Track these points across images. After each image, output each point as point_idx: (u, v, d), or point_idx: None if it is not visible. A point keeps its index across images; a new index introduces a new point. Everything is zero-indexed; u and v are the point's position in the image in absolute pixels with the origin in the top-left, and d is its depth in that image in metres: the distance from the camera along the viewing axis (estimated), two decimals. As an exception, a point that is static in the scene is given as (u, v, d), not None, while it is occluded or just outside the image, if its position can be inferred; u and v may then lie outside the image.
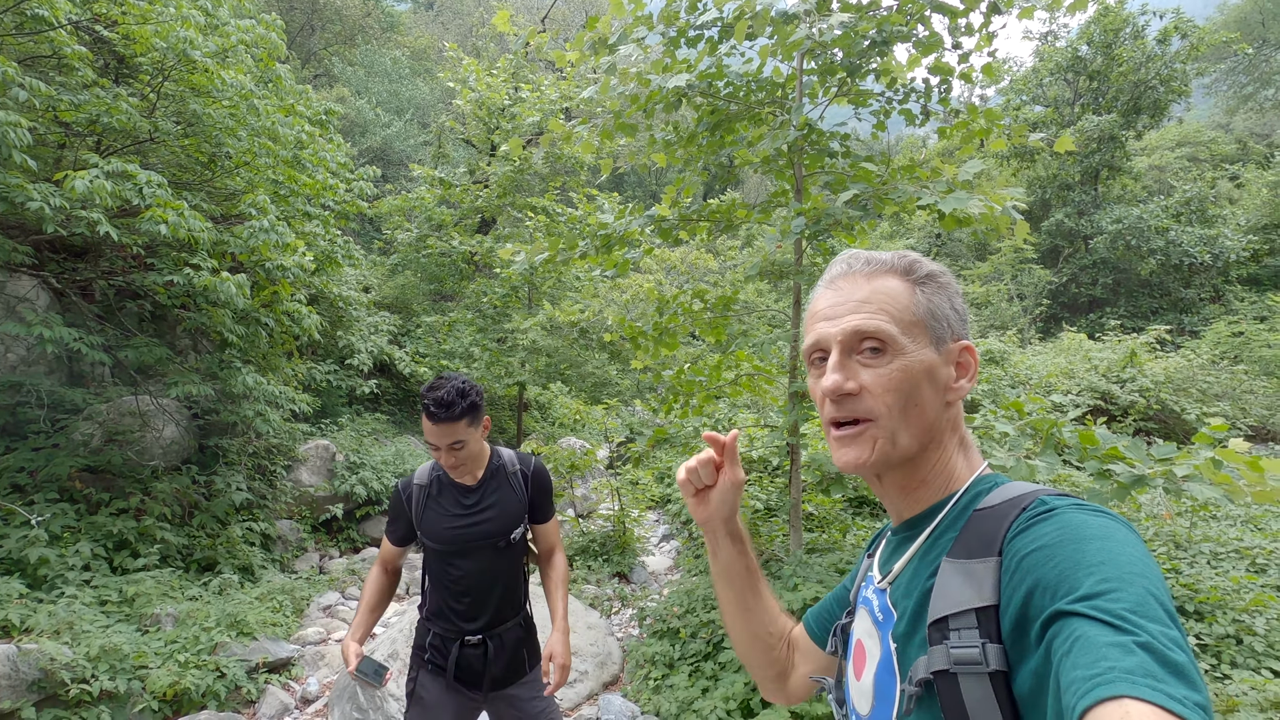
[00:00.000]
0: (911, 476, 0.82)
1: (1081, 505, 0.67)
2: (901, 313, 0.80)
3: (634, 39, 4.07)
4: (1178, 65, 16.96)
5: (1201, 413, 8.83)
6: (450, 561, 2.12)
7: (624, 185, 29.18)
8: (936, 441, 0.81)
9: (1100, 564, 0.58)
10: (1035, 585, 0.61)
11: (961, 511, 0.77)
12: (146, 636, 4.07)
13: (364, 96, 17.36)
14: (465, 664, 2.12)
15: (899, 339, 0.79)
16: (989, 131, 3.92)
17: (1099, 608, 0.54)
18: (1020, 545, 0.65)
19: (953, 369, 0.81)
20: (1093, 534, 0.62)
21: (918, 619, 0.73)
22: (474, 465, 2.11)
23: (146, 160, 5.80)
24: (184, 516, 5.63)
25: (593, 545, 6.24)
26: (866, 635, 0.85)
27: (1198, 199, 17.17)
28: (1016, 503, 0.71)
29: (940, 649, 0.67)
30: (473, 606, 2.12)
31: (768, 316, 5.79)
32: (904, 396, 0.78)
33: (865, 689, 0.82)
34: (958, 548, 0.72)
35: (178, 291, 5.39)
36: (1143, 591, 0.55)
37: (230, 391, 5.85)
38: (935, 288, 0.83)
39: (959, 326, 0.83)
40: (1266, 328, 13.34)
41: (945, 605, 0.68)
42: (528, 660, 2.22)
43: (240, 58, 6.07)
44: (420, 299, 12.82)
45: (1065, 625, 0.56)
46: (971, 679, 0.64)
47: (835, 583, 3.69)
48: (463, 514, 2.12)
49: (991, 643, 0.64)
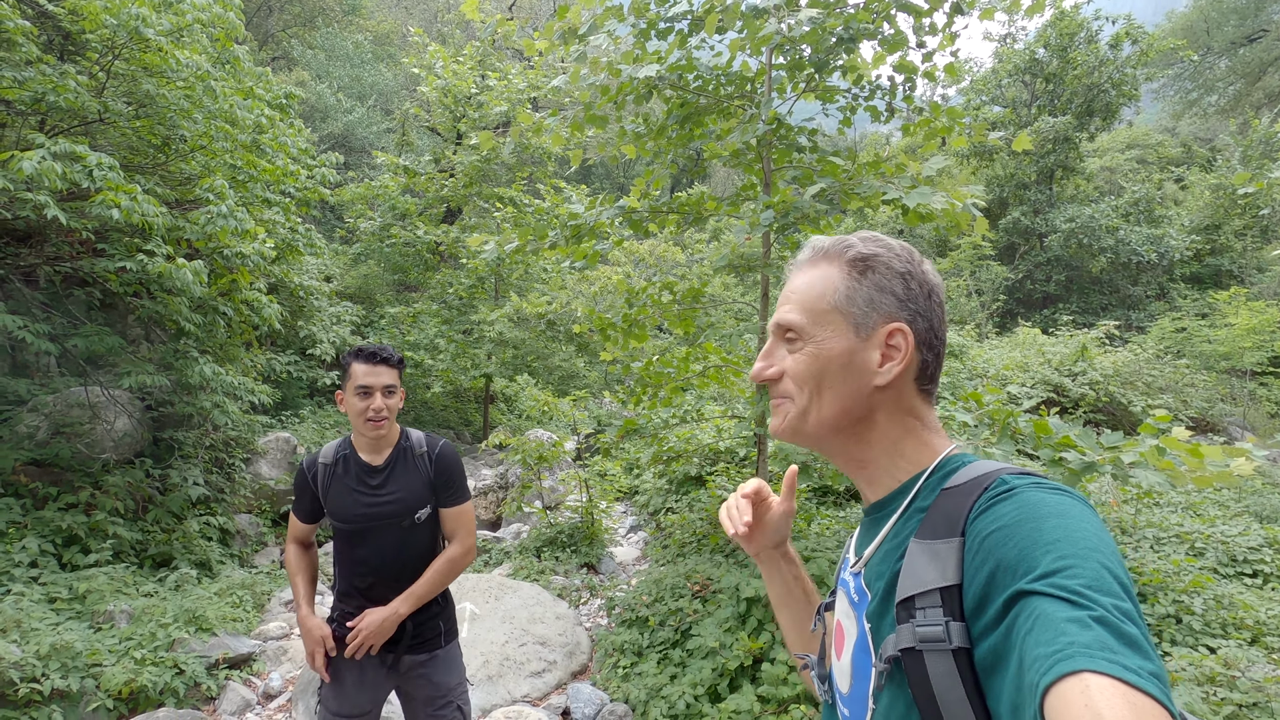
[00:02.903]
0: (849, 452, 0.87)
1: (1040, 484, 0.69)
2: (816, 302, 0.85)
3: (605, 29, 4.06)
4: (1128, 70, 17.55)
5: (1147, 405, 9.22)
6: (355, 542, 2.11)
7: (591, 177, 29.04)
8: (865, 421, 0.84)
9: (1056, 541, 0.60)
10: (997, 565, 0.63)
11: (930, 492, 0.79)
12: (100, 634, 3.94)
13: (325, 81, 16.91)
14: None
15: (807, 328, 0.85)
16: (951, 129, 4.02)
17: (1056, 584, 0.57)
18: (982, 526, 0.68)
19: (877, 353, 0.82)
20: (1049, 511, 0.64)
21: (887, 599, 0.76)
22: (389, 431, 2.13)
23: (95, 142, 5.58)
24: (137, 511, 5.46)
25: (561, 537, 6.25)
26: (844, 616, 0.88)
27: (1146, 200, 17.85)
28: (979, 482, 0.73)
29: (907, 627, 0.69)
30: (378, 586, 2.10)
31: (734, 310, 5.84)
32: (811, 380, 0.84)
33: (845, 668, 0.85)
34: (924, 528, 0.74)
35: (130, 279, 5.21)
36: (1097, 566, 0.58)
37: (186, 382, 5.68)
38: (862, 271, 0.84)
39: (893, 308, 0.83)
40: (1207, 324, 13.96)
41: (911, 585, 0.71)
42: (444, 635, 2.20)
43: (196, 37, 5.86)
44: (384, 289, 12.60)
45: (1026, 604, 0.58)
46: (936, 655, 0.66)
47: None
48: (367, 493, 2.10)
49: (955, 620, 0.66)
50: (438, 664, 2.18)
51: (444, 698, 2.17)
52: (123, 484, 5.32)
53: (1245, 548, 5.02)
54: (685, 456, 6.25)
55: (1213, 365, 12.60)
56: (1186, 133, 26.12)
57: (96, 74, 5.45)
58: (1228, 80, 22.36)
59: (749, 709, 3.15)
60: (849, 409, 0.83)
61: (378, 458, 2.14)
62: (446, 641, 2.22)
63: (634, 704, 3.58)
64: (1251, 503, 6.33)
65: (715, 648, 3.54)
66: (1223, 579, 4.74)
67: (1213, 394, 11.04)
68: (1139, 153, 24.06)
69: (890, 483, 0.85)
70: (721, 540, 5.16)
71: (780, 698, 3.16)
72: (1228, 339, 12.55)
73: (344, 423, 9.45)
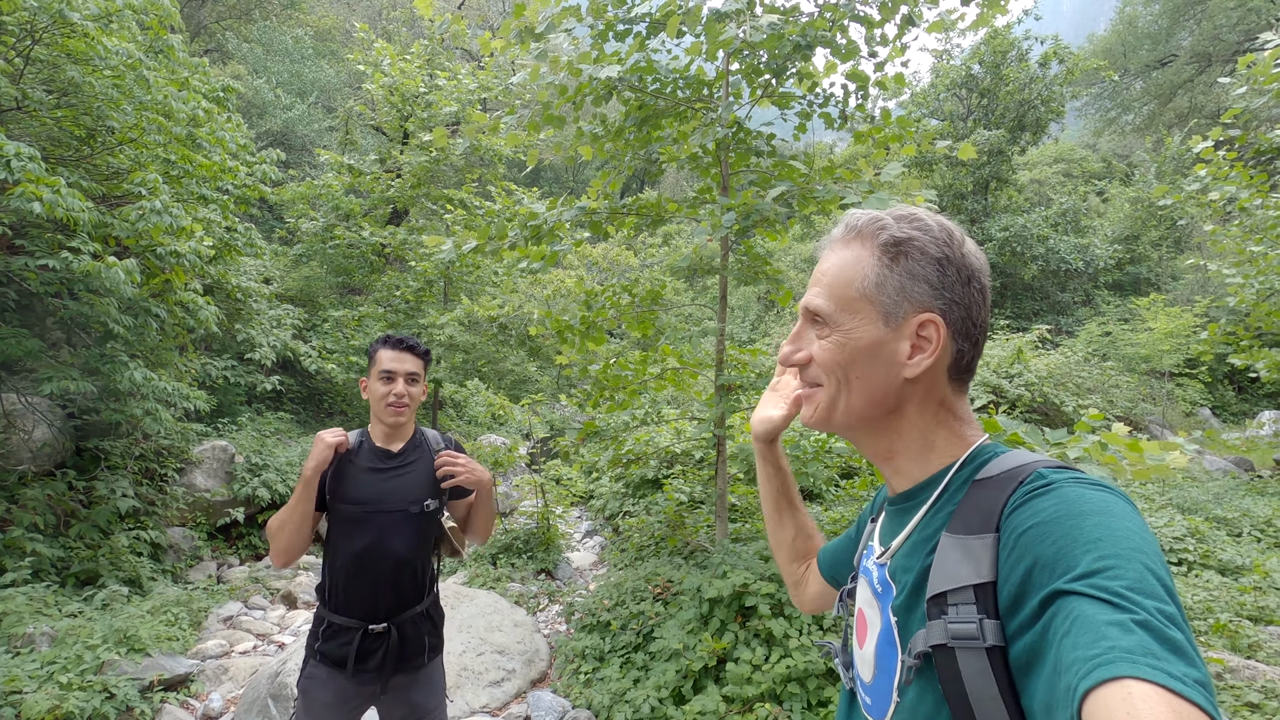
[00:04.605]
0: (878, 443, 0.85)
1: (1079, 479, 0.67)
2: (844, 289, 0.81)
3: (562, 29, 4.02)
4: (1055, 88, 18.54)
5: (1078, 404, 9.70)
6: (356, 532, 2.00)
7: (540, 181, 28.85)
8: (895, 413, 0.81)
9: (1098, 540, 0.58)
10: (1034, 563, 0.61)
11: (962, 484, 0.76)
12: (19, 658, 3.65)
13: (262, 76, 16.26)
14: (364, 655, 1.99)
15: (835, 316, 0.81)
16: (899, 138, 4.14)
17: (1097, 585, 0.54)
18: (1018, 521, 0.65)
19: (907, 344, 0.78)
20: (1090, 509, 0.62)
21: (917, 593, 0.74)
22: (410, 420, 2.11)
23: (11, 132, 5.21)
24: (59, 526, 5.11)
25: (516, 543, 6.14)
26: (867, 605, 0.86)
27: (1072, 211, 18.86)
28: (1014, 475, 0.71)
29: (939, 624, 0.67)
30: (379, 584, 1.99)
31: (685, 314, 5.88)
32: (839, 370, 0.81)
33: (868, 658, 0.83)
34: (956, 522, 0.72)
35: (52, 278, 4.88)
36: (1140, 568, 0.55)
37: (114, 388, 5.34)
38: (894, 257, 0.79)
39: (926, 297, 0.78)
40: (1129, 328, 14.81)
41: (944, 581, 0.69)
42: (428, 651, 2.10)
43: (126, 24, 5.54)
44: (326, 292, 12.17)
45: (1064, 604, 0.56)
46: (968, 653, 0.64)
47: (761, 568, 3.79)
48: (378, 473, 2.04)
49: (989, 618, 0.64)
50: (419, 684, 2.09)
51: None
52: (42, 497, 4.98)
53: (1170, 538, 5.32)
54: (644, 459, 6.23)
55: (1134, 367, 13.38)
56: (1106, 149, 27.71)
57: (13, 59, 5.09)
58: (1142, 100, 23.84)
59: (714, 709, 3.15)
60: (878, 400, 0.81)
61: (393, 445, 2.11)
62: (430, 658, 2.13)
63: (597, 710, 3.53)
64: (1174, 496, 6.73)
65: (678, 649, 3.53)
66: (1152, 568, 5.00)
67: (1135, 394, 11.72)
68: (1065, 166, 25.40)
69: (919, 473, 0.82)
70: (680, 543, 5.17)
71: (745, 697, 3.17)
72: (1148, 342, 13.35)
73: (284, 430, 9.07)
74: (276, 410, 9.59)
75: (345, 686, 1.99)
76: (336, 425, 10.87)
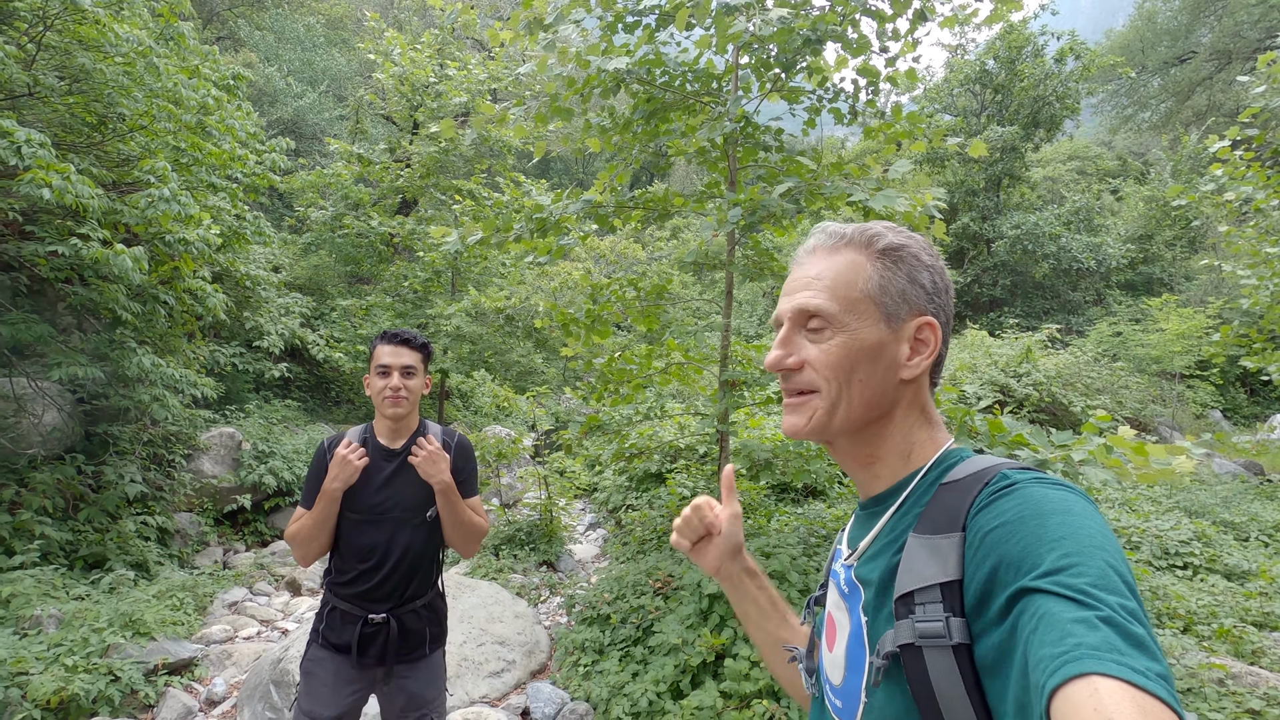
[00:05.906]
0: (861, 449, 0.84)
1: (1042, 479, 0.68)
2: (847, 289, 0.81)
3: (571, 20, 4.00)
4: (1071, 84, 18.31)
5: (1086, 405, 9.63)
6: (363, 530, 2.06)
7: (550, 172, 28.80)
8: (886, 416, 0.82)
9: (1061, 539, 0.59)
10: (1000, 561, 0.62)
11: (929, 486, 0.78)
12: (26, 640, 3.70)
13: (274, 64, 16.28)
14: (365, 642, 2.05)
15: (839, 316, 0.81)
16: (911, 134, 4.10)
17: (1061, 583, 0.56)
18: (983, 521, 0.66)
19: (906, 346, 0.81)
20: (1053, 509, 0.63)
21: (885, 593, 0.74)
22: (410, 413, 2.12)
23: (23, 118, 5.23)
24: (68, 510, 5.16)
25: (519, 534, 6.16)
26: (835, 608, 0.86)
27: (1085, 209, 18.65)
28: (980, 477, 0.72)
29: (906, 623, 0.68)
30: (384, 581, 2.05)
31: (693, 308, 5.86)
32: (843, 372, 0.80)
33: (838, 659, 0.83)
34: (923, 523, 0.73)
35: (61, 264, 4.91)
36: (1102, 564, 0.57)
37: (123, 374, 5.39)
38: (894, 262, 0.82)
39: (922, 301, 0.82)
40: (1140, 329, 14.67)
41: (911, 580, 0.69)
42: (429, 642, 2.15)
43: (137, 10, 5.55)
44: (335, 281, 12.22)
45: (1030, 602, 0.57)
46: (935, 652, 0.65)
47: (762, 565, 3.79)
48: (382, 474, 2.09)
49: (955, 616, 0.65)
50: (419, 675, 2.13)
51: (418, 710, 2.11)
52: (51, 481, 5.03)
53: (1176, 541, 5.29)
54: (647, 453, 6.24)
55: (1145, 368, 13.26)
56: (1122, 147, 27.41)
57: (26, 45, 5.11)
58: (1160, 98, 23.53)
59: (711, 705, 3.16)
60: (875, 403, 0.81)
61: (396, 442, 2.14)
62: (432, 649, 2.16)
63: (595, 702, 3.55)
64: (1181, 499, 6.68)
65: (677, 644, 3.53)
66: (1157, 571, 4.98)
67: (1145, 395, 11.62)
68: (1079, 164, 25.14)
69: (895, 477, 0.83)
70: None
71: (743, 693, 3.17)
72: (1159, 343, 13.22)
73: (291, 418, 9.13)
74: (284, 398, 9.66)
75: (347, 670, 2.05)
76: (343, 413, 10.88)
